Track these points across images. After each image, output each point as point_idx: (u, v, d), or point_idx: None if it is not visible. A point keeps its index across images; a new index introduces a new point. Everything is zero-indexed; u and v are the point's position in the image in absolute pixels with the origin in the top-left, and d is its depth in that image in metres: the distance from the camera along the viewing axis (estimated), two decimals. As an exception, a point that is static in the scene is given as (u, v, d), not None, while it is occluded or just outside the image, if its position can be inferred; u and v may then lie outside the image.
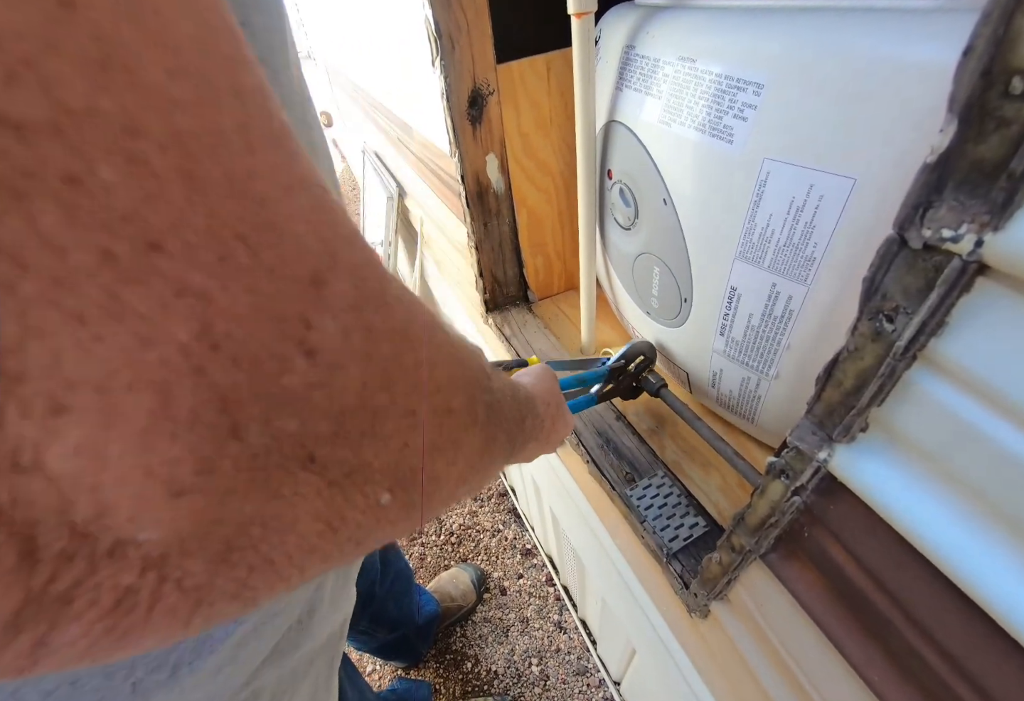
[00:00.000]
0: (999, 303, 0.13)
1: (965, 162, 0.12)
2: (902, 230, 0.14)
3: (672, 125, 0.39)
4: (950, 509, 0.17)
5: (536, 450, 0.31)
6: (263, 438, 0.09)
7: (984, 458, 0.15)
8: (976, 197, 0.12)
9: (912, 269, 0.14)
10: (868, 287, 0.15)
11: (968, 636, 0.19)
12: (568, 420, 0.35)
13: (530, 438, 0.27)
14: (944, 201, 0.13)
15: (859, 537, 0.21)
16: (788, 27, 0.31)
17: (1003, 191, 0.11)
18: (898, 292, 0.15)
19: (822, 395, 0.19)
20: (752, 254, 0.37)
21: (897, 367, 0.16)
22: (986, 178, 0.12)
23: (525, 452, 0.29)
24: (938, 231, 0.13)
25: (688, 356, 0.51)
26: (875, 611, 0.22)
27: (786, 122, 0.31)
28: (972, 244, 0.12)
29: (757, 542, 0.28)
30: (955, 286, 0.13)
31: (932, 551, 0.18)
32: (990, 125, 0.11)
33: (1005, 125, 0.11)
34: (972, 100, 0.11)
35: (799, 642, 0.30)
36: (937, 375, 0.15)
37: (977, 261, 0.13)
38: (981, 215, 0.12)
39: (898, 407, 0.17)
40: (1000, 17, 0.10)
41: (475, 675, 1.02)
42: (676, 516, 0.47)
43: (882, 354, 0.16)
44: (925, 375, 0.15)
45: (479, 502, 1.27)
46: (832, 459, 0.20)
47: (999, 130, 0.11)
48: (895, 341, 0.15)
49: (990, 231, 0.12)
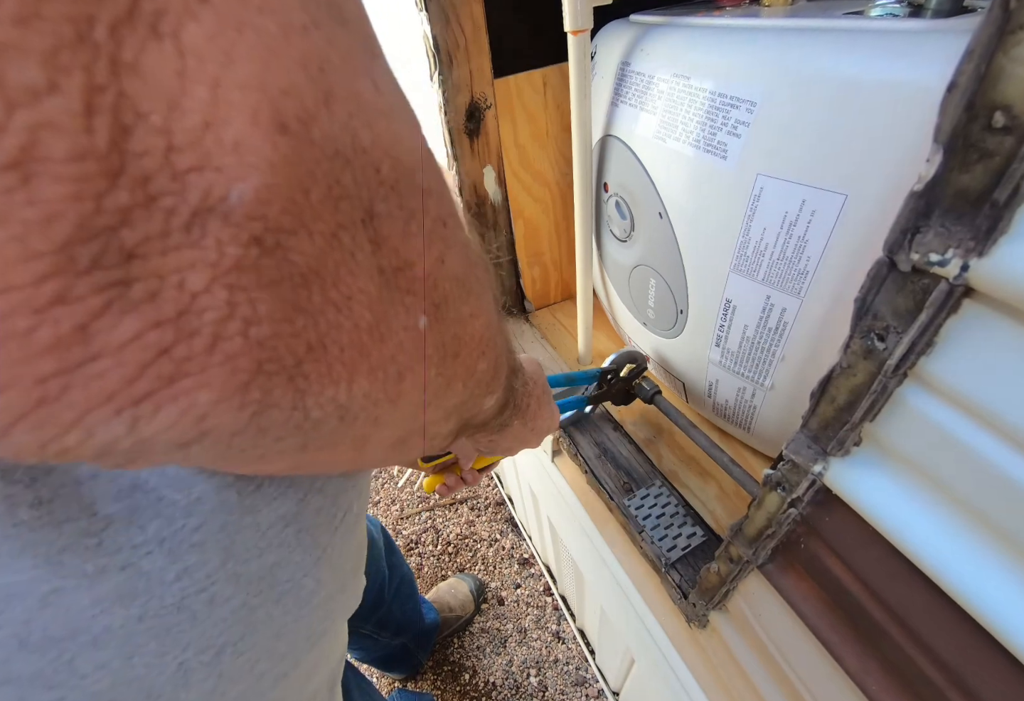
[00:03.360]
0: (984, 324, 0.13)
1: (951, 190, 0.12)
2: (892, 254, 0.14)
3: (667, 140, 0.39)
4: (940, 521, 0.18)
5: (520, 433, 0.31)
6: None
7: (971, 472, 0.16)
8: (962, 224, 0.13)
9: (902, 291, 0.14)
10: (860, 307, 0.16)
11: (961, 644, 0.20)
12: (554, 411, 0.35)
13: (516, 409, 0.27)
14: (931, 227, 0.13)
15: (854, 548, 0.22)
16: (781, 47, 0.32)
17: (987, 219, 0.12)
18: (888, 312, 0.15)
19: (816, 410, 0.20)
20: (746, 267, 0.37)
21: (889, 384, 0.16)
22: (971, 206, 0.12)
23: (510, 429, 0.29)
24: (926, 255, 0.13)
25: (684, 366, 0.52)
26: (870, 621, 0.23)
27: (779, 139, 0.32)
28: (958, 268, 0.13)
29: (755, 553, 0.28)
30: (943, 308, 0.14)
31: (924, 562, 0.19)
32: (974, 156, 0.12)
33: (988, 156, 0.11)
34: (957, 132, 0.12)
35: (797, 652, 0.30)
36: (927, 392, 0.16)
37: (963, 284, 0.13)
38: (966, 241, 0.12)
39: (890, 422, 0.17)
40: (982, 55, 0.11)
41: (473, 687, 1.01)
42: (674, 526, 0.47)
43: (874, 371, 0.16)
44: (915, 392, 0.16)
45: (476, 511, 1.27)
46: (827, 472, 0.20)
47: (982, 161, 0.12)
48: (886, 359, 0.16)
49: (975, 256, 0.12)
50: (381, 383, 0.12)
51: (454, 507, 1.28)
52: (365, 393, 0.11)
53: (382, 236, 0.11)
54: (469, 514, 1.26)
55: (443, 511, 1.28)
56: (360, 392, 0.11)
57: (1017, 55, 0.10)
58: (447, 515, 1.27)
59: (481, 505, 1.27)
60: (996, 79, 0.11)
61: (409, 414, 0.14)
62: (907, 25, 0.27)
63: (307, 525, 0.20)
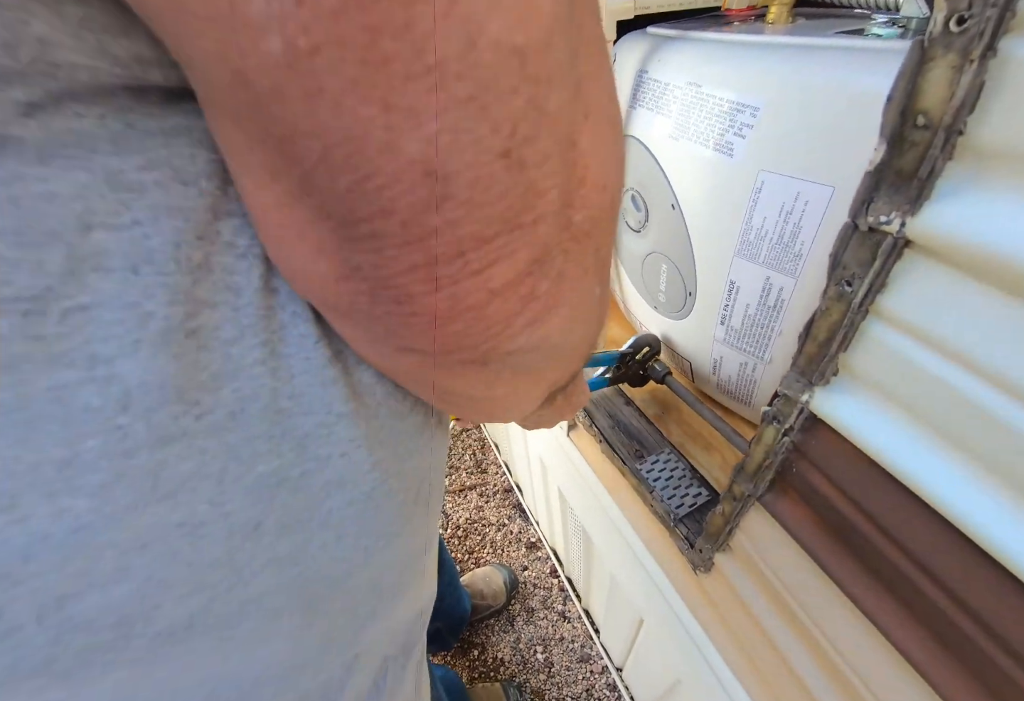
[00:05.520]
0: (920, 266, 0.19)
1: (892, 171, 0.18)
2: (854, 218, 0.19)
3: (680, 140, 0.45)
4: (903, 432, 0.23)
5: (561, 406, 0.36)
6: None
7: (922, 387, 0.21)
8: (900, 194, 0.18)
9: (862, 245, 0.20)
10: (833, 261, 0.21)
11: (936, 544, 0.24)
12: (585, 390, 0.40)
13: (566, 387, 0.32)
14: (880, 197, 0.18)
15: (837, 465, 0.27)
16: (780, 60, 0.37)
17: (915, 189, 0.17)
18: (853, 263, 0.20)
19: (803, 348, 0.25)
20: (749, 251, 0.43)
21: (855, 319, 0.21)
22: (905, 181, 0.18)
23: (555, 403, 0.34)
24: (877, 218, 0.19)
25: (691, 346, 0.57)
26: (854, 530, 0.28)
27: (778, 139, 0.37)
28: (899, 226, 0.18)
29: (755, 486, 0.33)
30: (890, 256, 0.19)
31: (893, 468, 0.23)
32: (906, 146, 0.17)
33: (914, 146, 0.17)
34: (894, 130, 0.17)
35: (796, 578, 0.35)
36: (883, 323, 0.21)
37: (903, 237, 0.18)
38: (903, 206, 0.18)
39: (858, 352, 0.22)
40: (908, 77, 0.16)
41: (482, 662, 1.06)
42: (682, 487, 0.52)
43: (844, 310, 0.22)
44: (875, 324, 0.21)
45: (485, 497, 1.32)
46: (812, 400, 0.26)
47: (911, 149, 0.17)
48: (852, 299, 0.21)
49: (909, 216, 0.18)
50: (580, 315, 0.16)
51: (463, 493, 1.33)
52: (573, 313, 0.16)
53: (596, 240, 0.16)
54: (478, 500, 1.31)
55: (453, 496, 1.33)
56: (573, 311, 0.16)
57: (930, 78, 0.16)
58: (456, 500, 1.32)
59: (490, 492, 1.33)
60: (918, 93, 0.16)
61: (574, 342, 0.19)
62: (889, 45, 0.33)
63: (439, 432, 0.25)
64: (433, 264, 0.11)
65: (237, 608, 0.16)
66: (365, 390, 0.18)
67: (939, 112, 0.16)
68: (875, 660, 0.31)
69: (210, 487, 0.14)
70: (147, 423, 0.12)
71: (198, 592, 0.14)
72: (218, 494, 0.14)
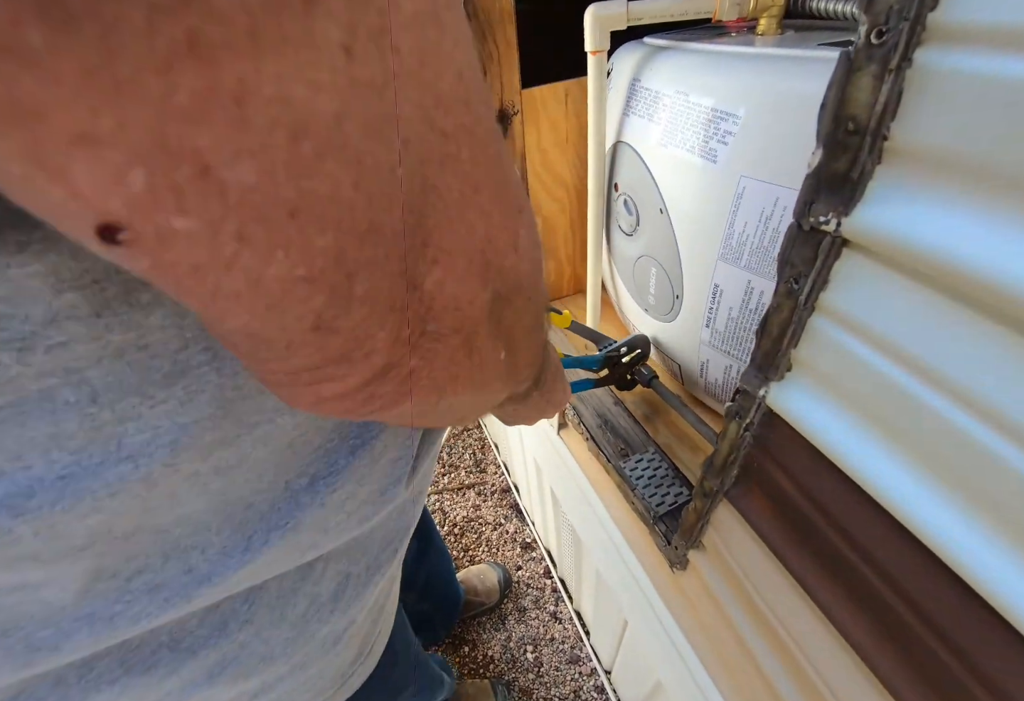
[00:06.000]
0: (857, 264, 0.20)
1: (828, 174, 0.19)
2: (798, 218, 0.21)
3: (668, 147, 0.46)
4: (848, 425, 0.24)
5: (539, 403, 0.37)
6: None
7: (863, 381, 0.22)
8: (837, 196, 0.19)
9: (805, 245, 0.21)
10: (782, 260, 0.22)
11: (877, 536, 0.25)
12: (566, 387, 0.41)
13: (538, 382, 0.34)
14: (820, 199, 0.19)
15: (793, 459, 0.28)
16: (762, 70, 0.38)
17: (849, 191, 0.18)
18: (800, 261, 0.21)
19: (760, 344, 0.26)
20: (731, 256, 0.44)
21: (803, 315, 0.22)
22: (840, 183, 0.19)
23: (531, 399, 0.35)
24: (817, 218, 0.20)
25: (680, 348, 0.58)
26: (809, 523, 0.29)
27: (758, 146, 0.38)
28: (835, 225, 0.19)
29: (722, 481, 0.34)
30: (830, 254, 0.20)
31: (840, 462, 0.24)
32: (839, 150, 0.18)
33: (846, 150, 0.18)
34: (828, 135, 0.18)
35: (759, 571, 0.36)
36: (826, 319, 0.22)
37: (840, 236, 0.19)
38: (839, 207, 0.19)
39: (806, 346, 0.23)
40: (839, 86, 0.17)
41: (471, 659, 1.07)
42: (664, 486, 0.53)
43: (792, 306, 0.23)
44: (820, 320, 0.22)
45: (483, 496, 1.33)
46: (769, 394, 0.27)
47: (844, 153, 0.18)
48: (799, 296, 0.22)
49: (844, 216, 0.19)
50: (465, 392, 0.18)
51: (462, 492, 1.34)
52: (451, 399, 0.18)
53: (503, 319, 0.17)
54: (476, 499, 1.32)
55: (451, 495, 1.34)
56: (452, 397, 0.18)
57: (858, 86, 0.17)
58: (454, 499, 1.33)
59: (488, 491, 1.34)
60: (847, 100, 0.17)
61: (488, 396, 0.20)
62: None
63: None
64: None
65: (172, 520, 0.20)
66: None
67: (865, 118, 0.17)
68: (832, 656, 0.31)
69: (164, 454, 0.17)
70: (111, 410, 0.16)
71: (143, 514, 0.19)
72: (171, 458, 0.18)
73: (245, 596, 0.27)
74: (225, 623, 0.27)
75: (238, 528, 0.22)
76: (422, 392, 0.16)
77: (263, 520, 0.23)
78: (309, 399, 0.14)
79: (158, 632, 0.24)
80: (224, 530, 0.22)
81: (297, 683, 0.34)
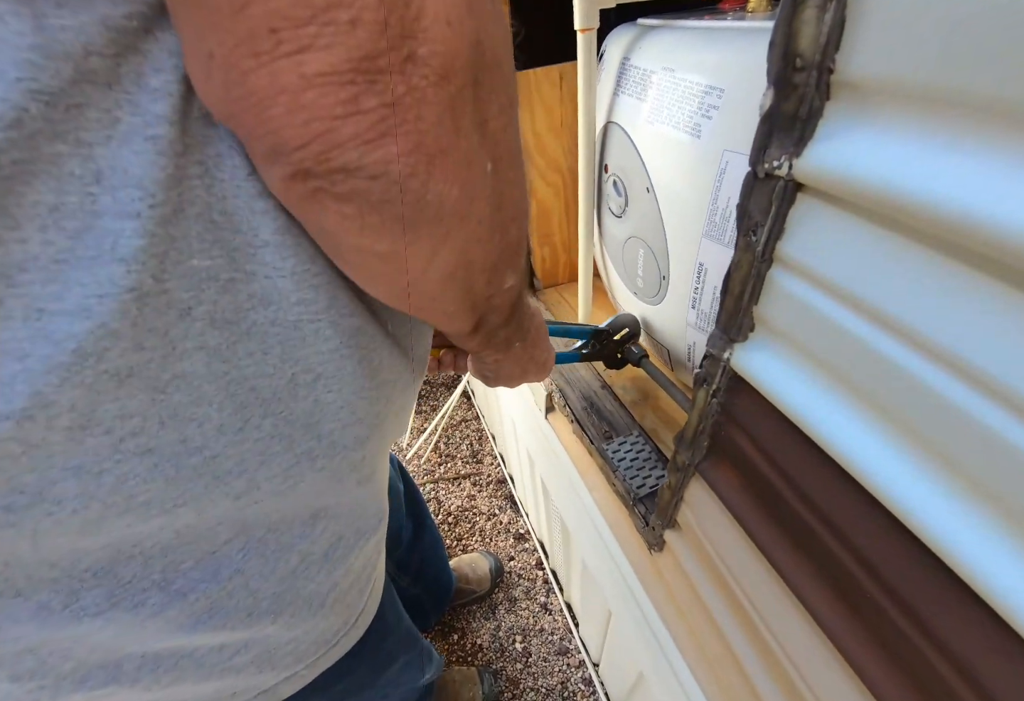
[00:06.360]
0: (812, 210, 0.19)
1: (780, 115, 0.19)
2: (754, 165, 0.20)
3: (655, 124, 0.46)
4: (810, 383, 0.23)
5: (521, 358, 0.37)
6: None
7: (824, 335, 0.21)
8: (788, 137, 0.19)
9: (760, 193, 0.20)
10: (740, 212, 0.22)
11: (836, 499, 0.25)
12: (550, 348, 0.41)
13: (520, 329, 0.33)
14: (773, 142, 0.19)
15: (758, 425, 0.28)
16: (746, 44, 0.38)
17: (799, 131, 0.18)
18: (757, 211, 0.21)
19: (724, 305, 0.26)
20: (715, 233, 0.43)
21: (761, 268, 0.22)
22: (791, 123, 0.18)
23: (513, 351, 0.35)
24: (771, 163, 0.19)
25: (667, 331, 0.57)
26: (773, 491, 0.28)
27: (741, 120, 0.38)
28: (787, 168, 0.19)
29: (693, 454, 0.34)
30: (784, 200, 0.20)
31: (801, 421, 0.24)
32: (789, 89, 0.18)
33: (795, 88, 0.18)
34: (779, 74, 0.18)
35: (729, 547, 0.35)
36: (784, 270, 0.21)
37: (792, 179, 0.19)
38: (790, 148, 0.19)
39: (767, 302, 0.23)
40: (786, 22, 0.17)
41: (460, 646, 1.07)
42: (646, 468, 0.52)
43: (751, 260, 0.22)
44: (778, 272, 0.22)
45: (478, 487, 1.33)
46: (732, 356, 0.26)
47: (794, 91, 0.18)
48: (756, 247, 0.22)
49: (795, 158, 0.18)
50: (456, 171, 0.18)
51: (457, 481, 1.34)
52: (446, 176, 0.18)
53: (480, 96, 0.18)
54: (471, 489, 1.32)
55: (447, 484, 1.34)
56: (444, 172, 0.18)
57: (804, 19, 0.17)
58: (450, 488, 1.33)
59: (483, 481, 1.34)
60: (795, 36, 0.17)
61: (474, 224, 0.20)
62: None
63: (378, 311, 0.27)
64: (252, 40, 0.14)
65: (169, 376, 0.20)
66: (294, 231, 0.21)
67: (811, 52, 0.17)
68: (798, 631, 0.31)
69: (154, 264, 0.18)
70: (113, 197, 0.16)
71: (137, 350, 0.18)
72: (159, 271, 0.18)
73: (242, 544, 0.27)
74: (218, 569, 0.27)
75: (238, 409, 0.22)
76: (407, 141, 0.16)
77: (263, 405, 0.23)
78: (291, 78, 0.14)
79: (151, 569, 0.24)
80: (225, 407, 0.22)
81: (280, 643, 0.34)
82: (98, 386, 0.18)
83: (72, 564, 0.22)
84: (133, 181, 0.17)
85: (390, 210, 0.18)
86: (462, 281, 0.23)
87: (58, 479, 0.19)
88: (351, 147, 0.16)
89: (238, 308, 0.21)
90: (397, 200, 0.17)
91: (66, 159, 0.16)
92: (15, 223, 0.15)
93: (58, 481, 0.19)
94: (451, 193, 0.18)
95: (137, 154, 0.17)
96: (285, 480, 0.26)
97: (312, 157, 0.16)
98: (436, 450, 1.44)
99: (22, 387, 0.17)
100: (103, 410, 0.19)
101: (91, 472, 0.19)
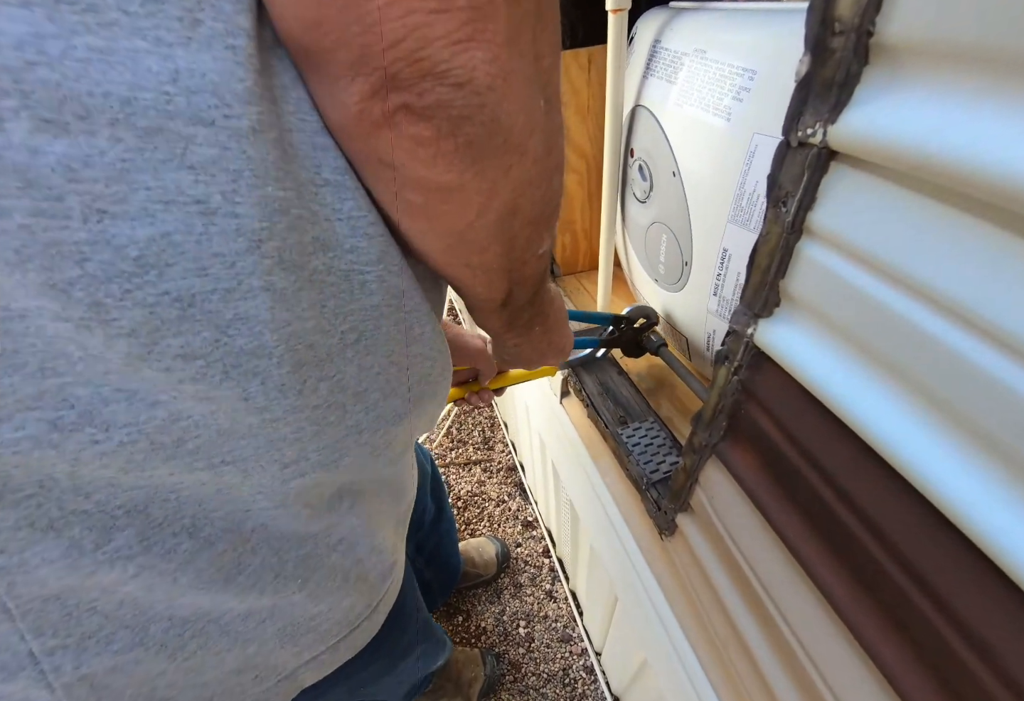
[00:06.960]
0: (846, 178, 0.19)
1: (817, 81, 0.18)
2: (786, 134, 0.20)
3: (684, 106, 0.46)
4: (838, 358, 0.23)
5: (540, 342, 0.37)
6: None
7: (855, 307, 0.21)
8: (824, 103, 0.19)
9: (793, 161, 0.20)
10: (771, 183, 0.22)
11: (860, 474, 0.24)
12: (568, 334, 0.42)
13: (541, 313, 0.34)
14: (808, 109, 0.19)
15: (780, 403, 0.27)
16: (781, 24, 0.38)
17: (836, 96, 0.18)
18: (788, 181, 0.21)
19: (749, 279, 0.26)
20: (741, 217, 0.43)
21: (790, 240, 0.22)
22: (828, 89, 0.18)
23: (533, 333, 0.35)
24: (805, 131, 0.19)
25: (687, 319, 0.57)
26: (796, 474, 0.28)
27: (773, 102, 0.38)
28: (821, 135, 0.19)
29: (710, 434, 0.34)
30: (817, 168, 0.20)
31: (826, 397, 0.24)
32: (827, 54, 0.18)
33: (833, 53, 0.18)
34: (817, 39, 0.18)
35: (744, 531, 0.35)
36: (814, 241, 0.21)
37: (826, 147, 0.19)
38: (825, 114, 0.19)
39: (795, 276, 0.23)
40: (829, -15, 0.17)
41: (464, 628, 1.08)
42: (660, 454, 0.53)
43: (780, 232, 0.22)
44: (808, 244, 0.22)
45: (488, 473, 1.34)
46: (756, 332, 0.26)
47: (832, 56, 0.18)
48: (786, 218, 0.22)
49: (830, 124, 0.18)
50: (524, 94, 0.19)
51: (468, 467, 1.36)
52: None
53: (538, 29, 0.18)
54: (481, 475, 1.33)
55: (457, 469, 1.35)
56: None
57: (847, -17, 0.17)
58: (460, 474, 1.35)
59: (494, 468, 1.35)
60: (835, 0, 0.17)
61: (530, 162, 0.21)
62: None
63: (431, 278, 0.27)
64: None
65: (232, 316, 0.19)
66: (352, 173, 0.21)
67: (851, 15, 0.17)
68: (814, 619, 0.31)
69: (225, 179, 0.17)
70: (187, 100, 0.16)
71: (200, 274, 0.18)
72: (231, 190, 0.17)
73: (274, 507, 0.27)
74: (243, 521, 0.26)
75: (296, 367, 0.22)
76: (487, 51, 0.16)
77: (318, 366, 0.23)
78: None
79: (182, 514, 0.24)
80: (285, 362, 0.21)
81: (304, 617, 0.33)
82: (160, 311, 0.17)
83: (107, 498, 0.21)
84: (210, 87, 0.16)
85: (467, 131, 0.18)
86: (508, 232, 0.23)
87: (111, 400, 0.18)
88: (441, 46, 0.16)
89: (303, 251, 0.20)
90: (476, 117, 0.17)
91: (143, 55, 0.15)
92: (85, 112, 0.15)
93: (110, 402, 0.18)
94: (518, 119, 0.19)
95: (216, 61, 0.16)
96: (332, 452, 0.26)
97: (405, 57, 0.16)
98: (448, 435, 1.45)
99: (80, 294, 0.16)
100: (164, 344, 0.18)
101: (145, 401, 0.19)
